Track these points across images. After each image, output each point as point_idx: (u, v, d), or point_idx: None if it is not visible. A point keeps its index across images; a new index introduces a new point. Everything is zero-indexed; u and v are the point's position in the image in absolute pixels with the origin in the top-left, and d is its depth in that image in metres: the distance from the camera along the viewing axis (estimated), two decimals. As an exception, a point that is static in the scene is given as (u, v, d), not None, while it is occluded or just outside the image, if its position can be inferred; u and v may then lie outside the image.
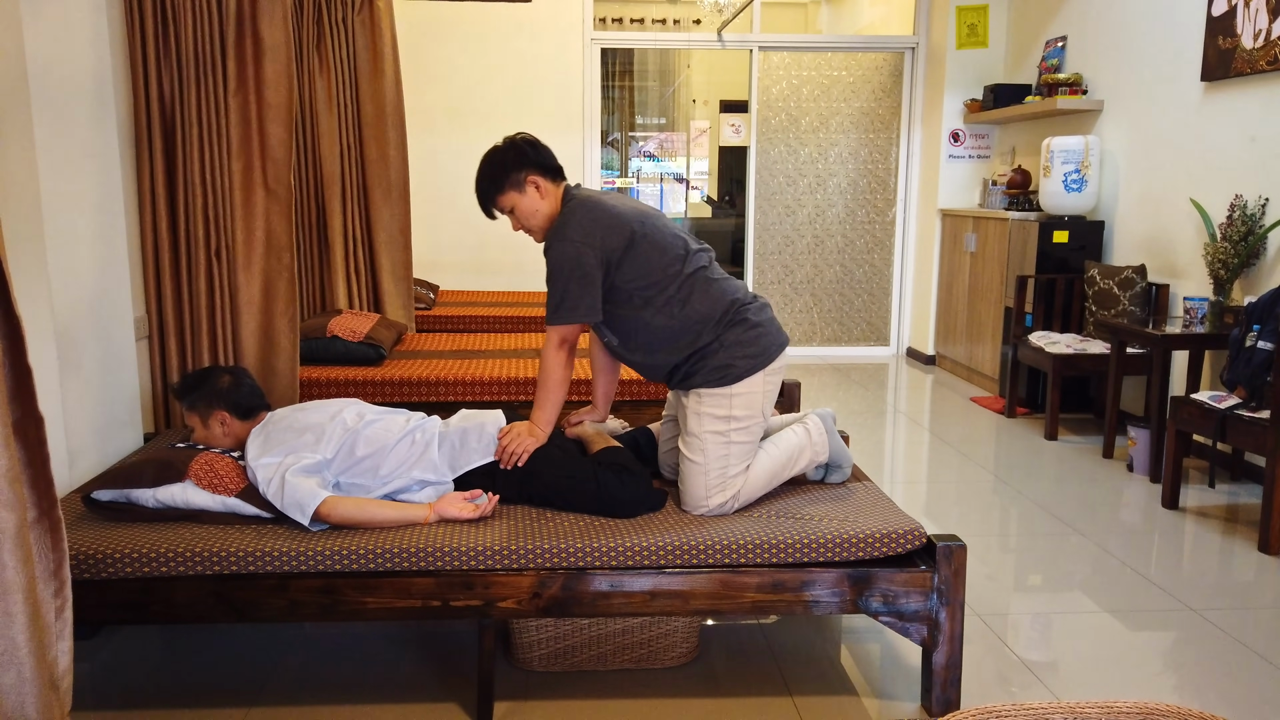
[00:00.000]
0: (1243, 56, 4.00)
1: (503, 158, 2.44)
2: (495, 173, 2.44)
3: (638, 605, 2.20)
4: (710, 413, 2.38)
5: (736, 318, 2.42)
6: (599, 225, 2.36)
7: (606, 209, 2.40)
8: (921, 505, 3.70)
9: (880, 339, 6.99)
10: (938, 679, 2.23)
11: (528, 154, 2.44)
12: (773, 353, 2.44)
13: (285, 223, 3.08)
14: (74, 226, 2.67)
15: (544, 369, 2.43)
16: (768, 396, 2.44)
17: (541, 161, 2.46)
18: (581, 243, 2.34)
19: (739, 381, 2.38)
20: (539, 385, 2.45)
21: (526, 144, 2.46)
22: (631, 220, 2.40)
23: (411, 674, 2.42)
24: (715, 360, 2.39)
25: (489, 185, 2.46)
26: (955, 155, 6.34)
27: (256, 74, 3.00)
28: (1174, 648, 2.61)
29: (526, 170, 2.43)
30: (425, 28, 6.24)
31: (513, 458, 2.39)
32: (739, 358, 2.39)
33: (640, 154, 8.23)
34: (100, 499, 2.32)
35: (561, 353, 2.42)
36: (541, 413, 2.44)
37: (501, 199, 2.46)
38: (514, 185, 2.44)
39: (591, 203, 2.41)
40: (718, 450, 2.36)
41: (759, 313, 2.47)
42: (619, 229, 2.38)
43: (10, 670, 1.60)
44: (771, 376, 2.44)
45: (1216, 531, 3.45)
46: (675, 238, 2.45)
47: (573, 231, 2.36)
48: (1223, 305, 4.01)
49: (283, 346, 3.14)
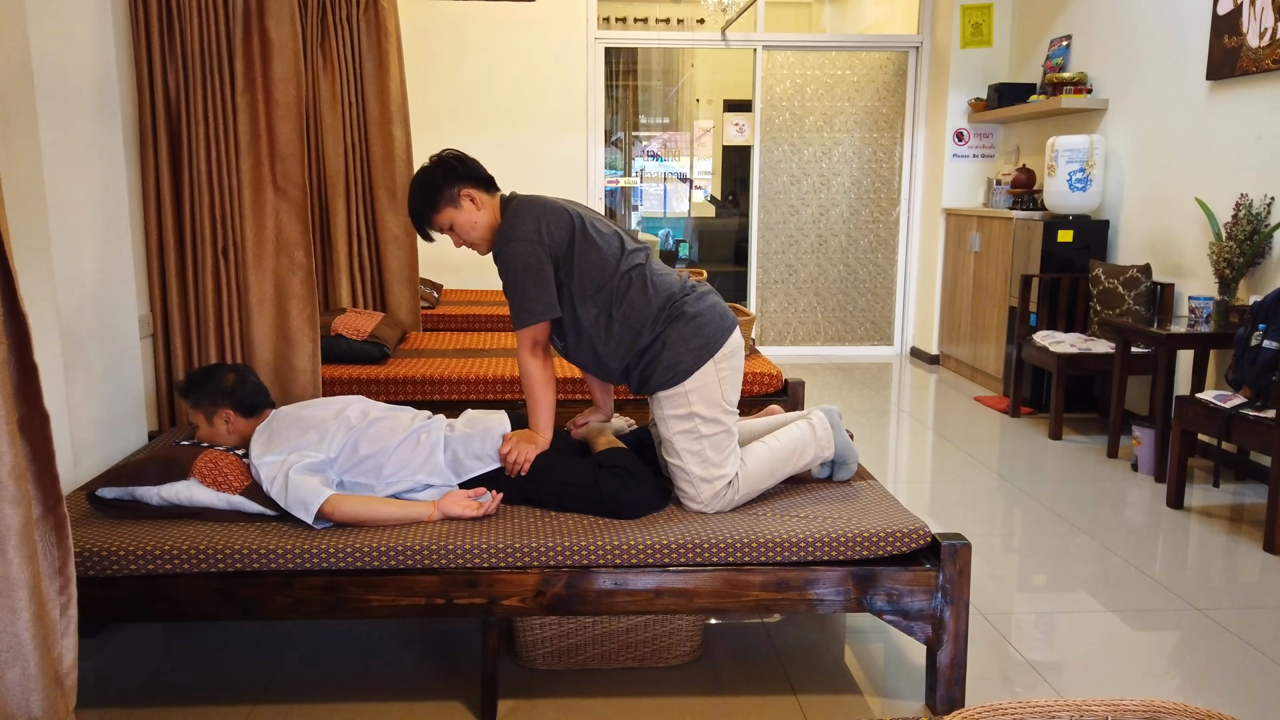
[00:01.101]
0: (1248, 55, 3.99)
1: (432, 177, 2.43)
2: (427, 193, 2.42)
3: (641, 604, 2.20)
4: (672, 414, 2.39)
5: (674, 313, 2.40)
6: (544, 221, 2.37)
7: (549, 206, 2.41)
8: (925, 505, 3.70)
9: (884, 338, 6.98)
10: (942, 678, 2.22)
11: (457, 169, 2.43)
12: (717, 340, 2.40)
13: (298, 222, 3.08)
14: (79, 224, 2.68)
15: (525, 375, 2.42)
16: (725, 383, 2.41)
17: (472, 174, 2.44)
18: (529, 240, 2.34)
19: (689, 377, 2.37)
20: (526, 392, 2.44)
21: (454, 159, 2.45)
22: (573, 216, 2.41)
23: (415, 672, 2.42)
24: (663, 360, 2.38)
25: (423, 206, 2.43)
26: (959, 154, 6.34)
27: (264, 73, 3.01)
28: (1179, 647, 2.61)
29: (458, 184, 2.42)
30: (429, 27, 6.24)
31: (515, 468, 2.39)
32: (684, 353, 2.37)
33: (644, 153, 8.22)
34: (105, 496, 2.32)
35: (537, 355, 2.41)
36: (537, 417, 2.43)
37: (438, 217, 2.43)
38: (448, 201, 2.42)
39: (534, 202, 2.42)
40: (691, 448, 2.36)
41: (697, 303, 2.43)
42: (562, 224, 2.38)
43: (15, 667, 1.60)
44: (724, 363, 2.41)
45: (1221, 531, 3.44)
46: (613, 235, 2.45)
47: (520, 230, 2.35)
48: (1228, 304, 4.00)
49: (302, 344, 3.14)
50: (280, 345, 3.13)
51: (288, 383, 3.15)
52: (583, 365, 2.52)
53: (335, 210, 4.28)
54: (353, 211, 4.43)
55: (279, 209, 3.07)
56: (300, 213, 3.08)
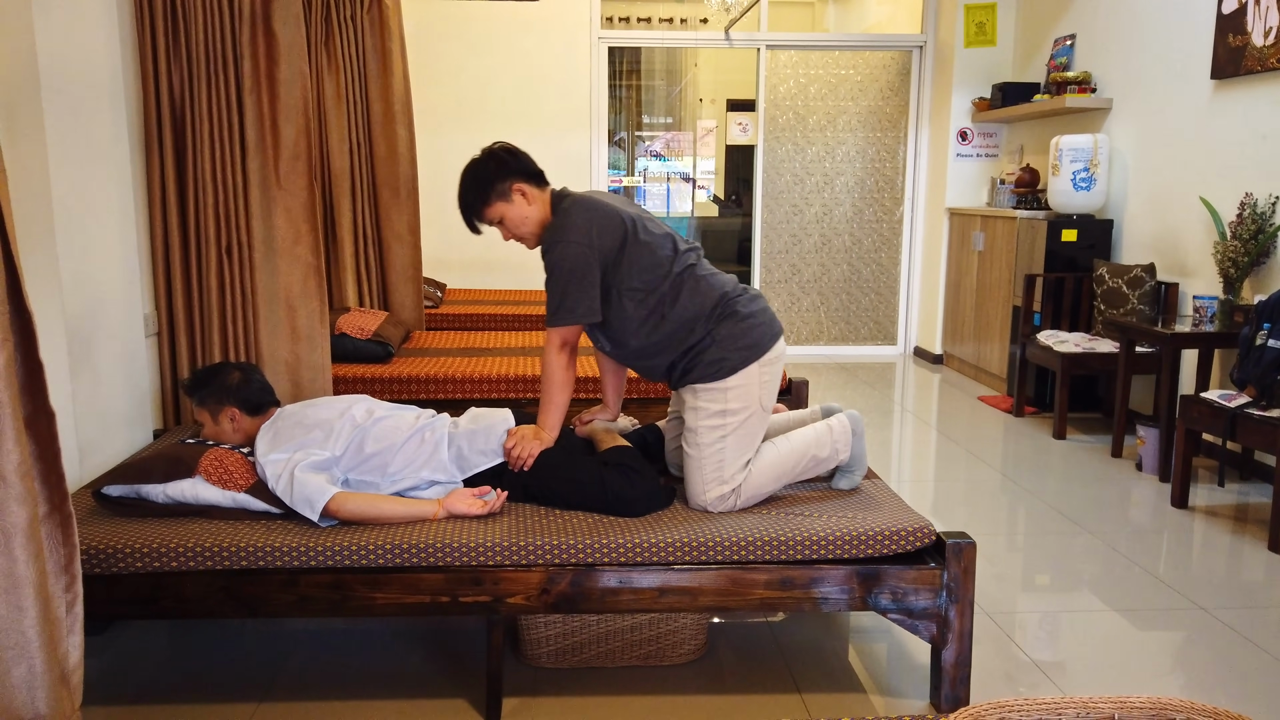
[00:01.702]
0: (1253, 54, 3.99)
1: (484, 170, 2.43)
2: (479, 186, 2.42)
3: (646, 602, 2.20)
4: (706, 407, 2.38)
5: (726, 311, 2.41)
6: (595, 225, 2.36)
7: (602, 208, 2.39)
8: (929, 504, 3.69)
9: (887, 338, 6.97)
10: (947, 676, 2.22)
11: (509, 162, 2.43)
12: (766, 343, 2.42)
13: (307, 221, 3.09)
14: (84, 223, 2.68)
15: (546, 372, 2.42)
16: (765, 387, 2.42)
17: (523, 168, 2.44)
18: (580, 243, 2.33)
19: (733, 375, 2.37)
20: (542, 389, 2.44)
21: (505, 152, 2.45)
22: (625, 219, 2.39)
23: (420, 670, 2.42)
24: (709, 355, 2.38)
25: (474, 199, 2.44)
26: (963, 154, 6.33)
27: (270, 73, 3.02)
28: (1183, 647, 2.60)
29: (510, 179, 2.42)
30: (433, 27, 6.24)
31: (519, 462, 2.39)
32: (731, 350, 2.38)
33: (647, 153, 8.23)
34: (110, 494, 2.33)
35: (563, 355, 2.41)
36: (547, 416, 2.44)
37: (488, 210, 2.44)
38: (499, 195, 2.42)
39: (587, 203, 2.40)
40: (712, 445, 2.36)
41: (749, 304, 2.45)
42: (614, 228, 2.37)
43: (21, 664, 1.61)
44: (768, 367, 2.42)
45: (1226, 531, 3.44)
46: (665, 237, 2.44)
47: (571, 232, 2.34)
48: (1232, 304, 3.99)
49: (314, 342, 3.16)
50: (292, 343, 3.14)
51: (300, 380, 3.16)
52: (625, 362, 2.52)
53: (340, 209, 4.28)
54: (358, 210, 4.43)
55: (288, 208, 3.08)
56: (309, 212, 3.09)
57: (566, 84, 6.45)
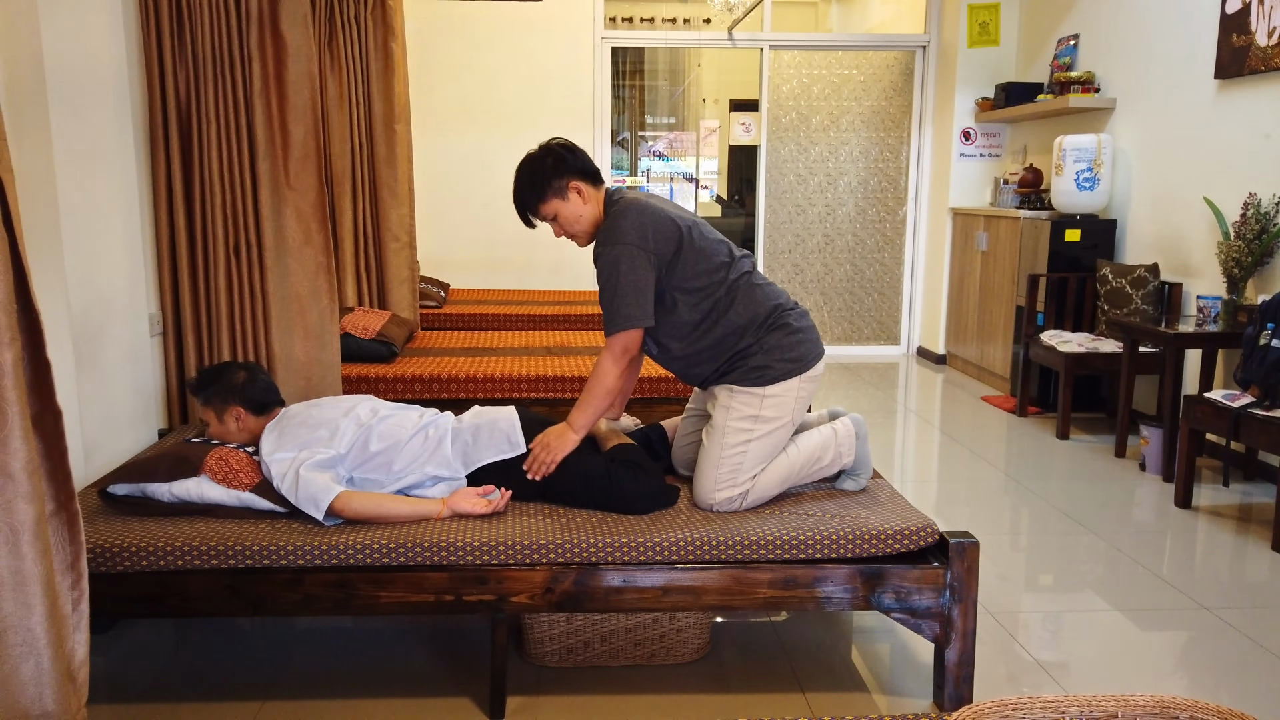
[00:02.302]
0: (1257, 54, 3.98)
1: (542, 165, 2.41)
2: (536, 180, 2.41)
3: (650, 601, 2.20)
4: (740, 409, 2.38)
5: (778, 322, 2.42)
6: (650, 228, 2.34)
7: (657, 211, 2.38)
8: (932, 504, 3.69)
9: (891, 338, 6.97)
10: (950, 676, 2.23)
11: (567, 159, 2.42)
12: (811, 360, 2.44)
13: (316, 221, 3.10)
14: (91, 223, 2.69)
15: (599, 375, 2.37)
16: (800, 403, 2.43)
17: (581, 166, 2.43)
18: (636, 245, 2.31)
19: (774, 384, 2.38)
20: (587, 388, 2.39)
21: (564, 149, 2.43)
22: (680, 224, 2.38)
23: (424, 669, 2.43)
24: (754, 361, 2.39)
25: (530, 194, 2.42)
26: (966, 154, 6.33)
27: (279, 74, 3.02)
28: (1187, 647, 2.60)
29: (568, 176, 2.41)
30: (436, 27, 6.25)
31: (543, 467, 2.37)
32: (777, 360, 2.38)
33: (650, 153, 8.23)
34: (116, 493, 2.33)
35: (622, 362, 2.36)
36: (581, 414, 2.39)
37: (544, 207, 2.42)
38: (556, 192, 2.40)
39: (641, 205, 2.38)
40: (736, 447, 2.36)
41: (800, 319, 2.46)
42: (670, 232, 2.36)
43: (29, 661, 1.61)
44: (807, 384, 2.43)
45: (1230, 531, 3.44)
46: (720, 243, 2.44)
47: (626, 234, 2.32)
48: (1236, 304, 3.99)
49: (325, 341, 3.17)
50: (304, 342, 3.16)
51: (311, 379, 3.17)
52: (671, 367, 2.50)
53: (342, 209, 4.29)
54: (358, 210, 4.44)
55: (298, 208, 3.09)
56: (319, 211, 3.11)
57: (569, 84, 6.45)
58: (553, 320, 5.18)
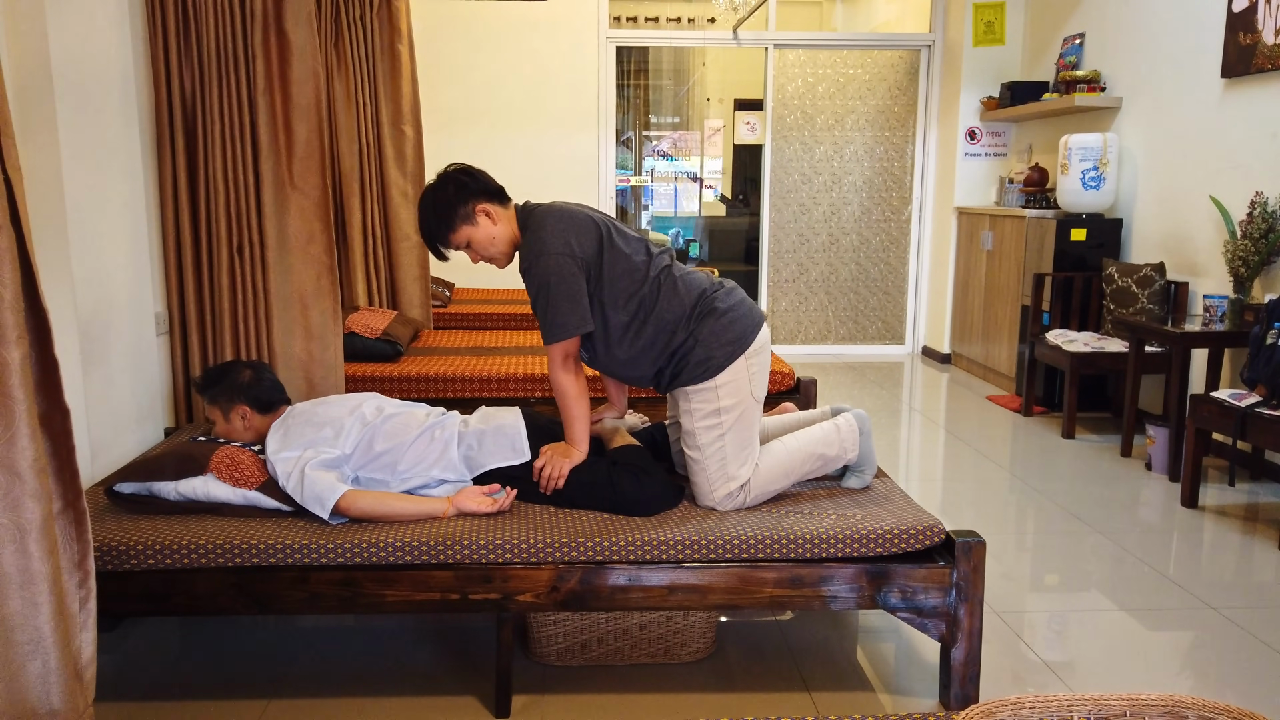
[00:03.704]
0: (1264, 53, 3.97)
1: (444, 194, 2.37)
2: (441, 212, 2.37)
3: (655, 600, 2.20)
4: (700, 408, 2.37)
5: (705, 309, 2.39)
6: (572, 233, 2.32)
7: (574, 215, 2.36)
8: (938, 504, 3.69)
9: (895, 337, 6.96)
10: (956, 675, 2.22)
11: (468, 184, 2.38)
12: (749, 335, 2.40)
13: (319, 220, 3.11)
14: (97, 222, 2.70)
15: (559, 390, 2.38)
16: (754, 379, 2.40)
17: (484, 187, 2.40)
18: (561, 253, 2.29)
19: (721, 372, 2.36)
20: (560, 405, 2.40)
21: (463, 174, 2.40)
22: (599, 224, 2.37)
23: (430, 667, 2.43)
24: (694, 356, 2.37)
25: (438, 226, 2.38)
26: (972, 153, 6.32)
27: (283, 74, 3.03)
28: (1193, 646, 2.60)
29: (473, 200, 2.37)
30: (441, 26, 6.26)
31: (551, 482, 2.37)
32: (716, 348, 2.36)
33: (654, 153, 8.22)
34: (122, 491, 2.34)
35: (568, 368, 2.38)
36: (573, 430, 2.40)
37: (454, 236, 2.39)
38: (464, 219, 2.37)
39: (558, 212, 2.37)
40: (713, 444, 2.36)
41: (727, 298, 2.43)
42: (590, 234, 2.34)
43: (36, 660, 1.62)
44: (754, 358, 2.40)
45: (1236, 530, 3.43)
46: (638, 240, 2.43)
47: (550, 244, 2.30)
48: (1243, 303, 3.98)
49: (327, 341, 3.17)
50: (305, 341, 3.16)
51: (313, 378, 3.17)
52: (612, 373, 2.50)
53: (350, 209, 4.30)
54: (367, 210, 4.45)
55: (302, 208, 3.09)
56: (321, 212, 3.11)
57: (574, 83, 6.45)
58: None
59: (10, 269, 1.51)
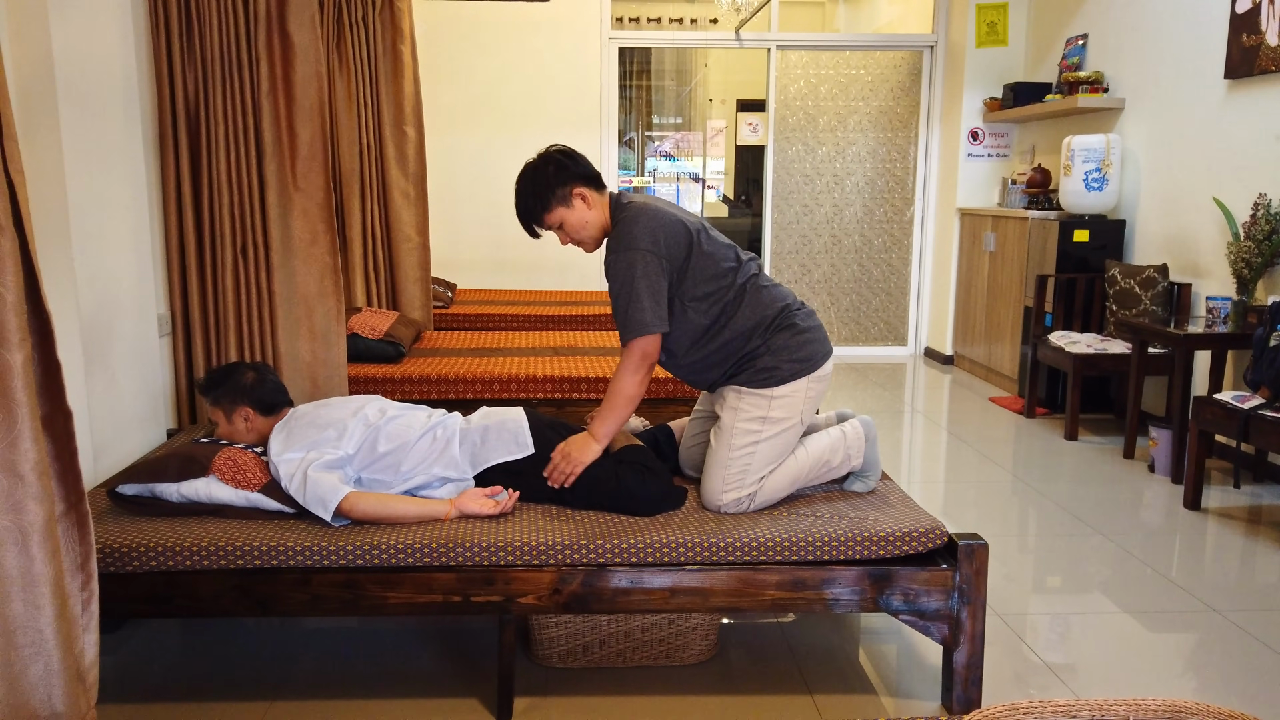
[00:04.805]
0: (1267, 54, 3.97)
1: (544, 173, 2.38)
2: (539, 190, 2.38)
3: (657, 602, 2.20)
4: (748, 410, 2.37)
5: (785, 323, 2.40)
6: (662, 232, 2.32)
7: (667, 215, 2.36)
8: (940, 505, 3.68)
9: (898, 339, 6.96)
10: (959, 678, 2.22)
11: (569, 166, 2.39)
12: (819, 360, 2.42)
13: (323, 221, 3.11)
14: (99, 224, 2.70)
15: (619, 385, 2.34)
16: (808, 403, 2.41)
17: (584, 172, 2.40)
18: (649, 250, 2.29)
19: (783, 384, 2.36)
20: (608, 398, 2.36)
21: (564, 155, 2.40)
22: (690, 228, 2.37)
23: (432, 669, 2.43)
24: (761, 362, 2.37)
25: (534, 203, 2.39)
26: (974, 154, 6.31)
27: (286, 75, 3.03)
28: (1196, 649, 2.59)
29: (572, 183, 2.38)
30: (443, 27, 6.26)
31: (564, 477, 2.36)
32: (785, 361, 2.37)
33: (657, 153, 8.22)
34: (125, 493, 2.34)
35: (642, 370, 2.33)
36: (603, 425, 2.37)
37: (549, 216, 2.40)
38: (560, 201, 2.38)
39: (652, 209, 2.36)
40: (744, 448, 2.35)
41: (807, 319, 2.45)
42: (680, 237, 2.34)
43: (38, 662, 1.62)
44: (815, 383, 2.41)
45: (1240, 533, 3.42)
46: (727, 247, 2.43)
47: (639, 239, 2.30)
48: (1246, 305, 3.97)
49: (331, 342, 3.18)
50: (309, 343, 3.16)
51: (317, 379, 3.17)
52: (681, 374, 2.49)
53: (350, 210, 4.30)
54: (367, 211, 4.45)
55: (305, 209, 3.09)
56: (325, 213, 3.11)
57: (577, 84, 6.45)
58: (560, 321, 5.19)
59: (13, 271, 1.51)
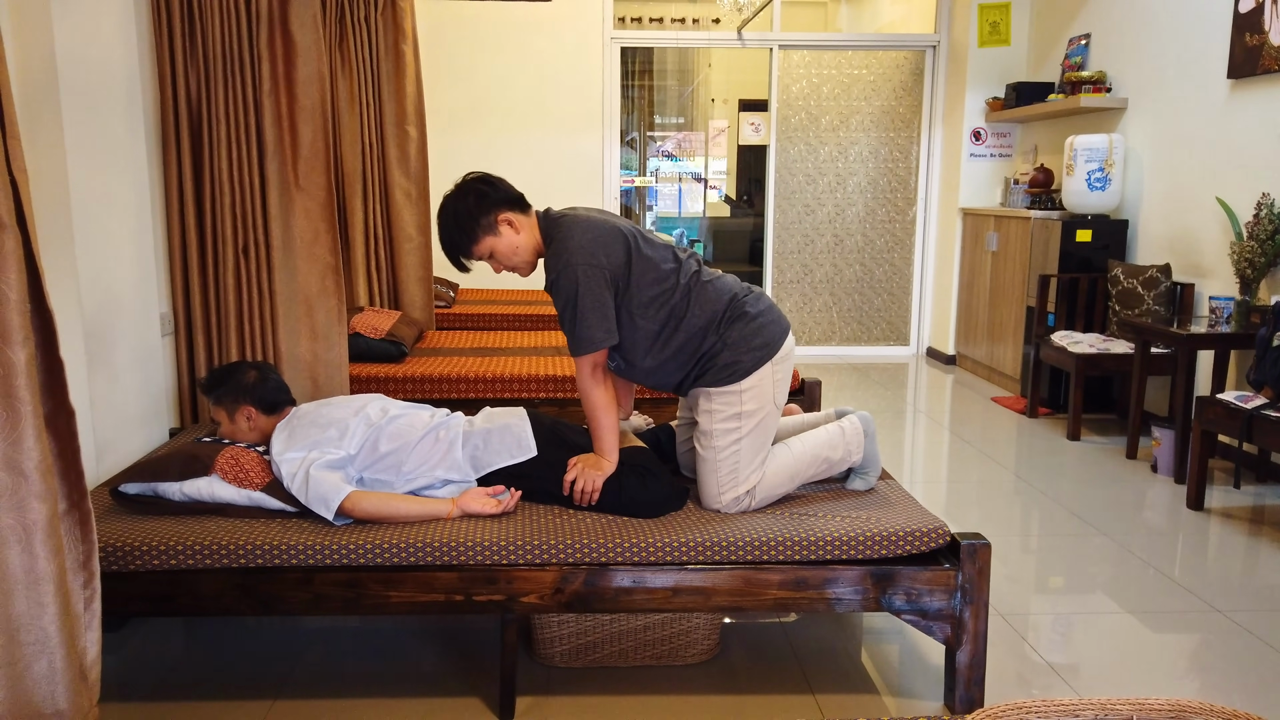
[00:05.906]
0: (1270, 53, 3.96)
1: (465, 205, 2.33)
2: (462, 223, 2.33)
3: (659, 601, 2.20)
4: (721, 410, 2.36)
5: (736, 314, 2.38)
6: (600, 243, 2.28)
7: (601, 225, 2.32)
8: (942, 505, 3.68)
9: (900, 338, 6.96)
10: (961, 678, 2.22)
11: (489, 194, 2.34)
12: (777, 342, 2.39)
13: (324, 221, 3.11)
14: (102, 223, 2.70)
15: (587, 401, 2.35)
16: (778, 385, 2.40)
17: (505, 196, 2.36)
18: (589, 265, 2.25)
19: (748, 376, 2.35)
20: (589, 417, 2.37)
21: (483, 183, 2.36)
22: (626, 233, 2.34)
23: (434, 669, 2.43)
24: (722, 359, 2.36)
25: (459, 237, 2.34)
26: (977, 154, 6.31)
27: (288, 75, 3.03)
28: (1199, 649, 2.59)
29: (495, 210, 2.33)
30: (446, 27, 6.26)
31: (585, 497, 2.34)
32: (744, 353, 2.35)
33: (659, 153, 8.22)
34: (127, 492, 2.34)
35: (597, 379, 2.33)
36: (602, 441, 2.37)
37: (477, 248, 2.35)
38: (486, 230, 2.33)
39: (584, 221, 2.32)
40: (728, 448, 2.35)
41: (756, 303, 2.42)
42: (618, 243, 2.31)
43: (41, 660, 1.62)
44: (780, 365, 2.40)
45: (1242, 533, 3.42)
46: (665, 248, 2.40)
47: (577, 254, 2.26)
48: (1249, 304, 3.97)
49: (332, 341, 3.18)
50: (310, 342, 3.16)
51: (318, 379, 3.18)
52: (641, 380, 2.48)
53: (353, 210, 4.30)
54: (369, 211, 4.45)
55: (307, 209, 3.10)
56: (326, 213, 3.11)
57: (579, 84, 6.45)
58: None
59: (16, 270, 1.52)
